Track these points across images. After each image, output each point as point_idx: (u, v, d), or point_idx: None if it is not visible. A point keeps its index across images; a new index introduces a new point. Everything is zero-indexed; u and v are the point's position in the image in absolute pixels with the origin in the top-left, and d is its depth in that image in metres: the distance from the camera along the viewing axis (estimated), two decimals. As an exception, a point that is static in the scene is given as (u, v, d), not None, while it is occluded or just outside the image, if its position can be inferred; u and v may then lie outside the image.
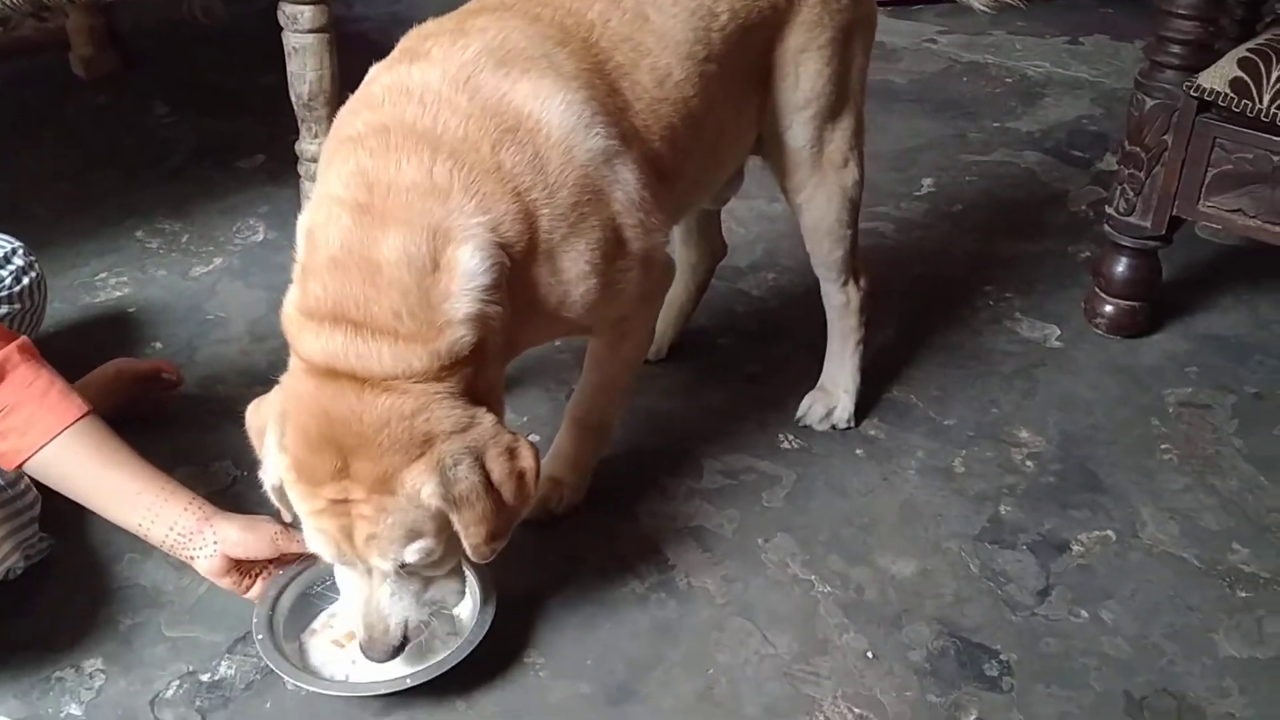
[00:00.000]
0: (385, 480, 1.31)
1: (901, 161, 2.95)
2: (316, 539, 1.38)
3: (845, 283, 1.97)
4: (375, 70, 1.49)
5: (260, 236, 2.56)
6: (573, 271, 1.46)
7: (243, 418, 1.85)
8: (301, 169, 2.54)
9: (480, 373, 1.38)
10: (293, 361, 1.39)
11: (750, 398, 2.10)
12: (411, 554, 1.35)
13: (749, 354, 2.23)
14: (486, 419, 1.37)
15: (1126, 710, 1.53)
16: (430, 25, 1.52)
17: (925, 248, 2.60)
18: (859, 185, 1.88)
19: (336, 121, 1.48)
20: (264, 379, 2.08)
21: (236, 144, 2.94)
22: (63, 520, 1.79)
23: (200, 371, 2.13)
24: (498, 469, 1.37)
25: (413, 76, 1.41)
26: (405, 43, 1.51)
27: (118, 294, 2.35)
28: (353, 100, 1.48)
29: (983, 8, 2.10)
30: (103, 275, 2.41)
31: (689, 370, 2.17)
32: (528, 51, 1.45)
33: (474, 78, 1.41)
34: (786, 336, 2.27)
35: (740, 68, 1.68)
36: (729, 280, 2.42)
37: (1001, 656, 1.60)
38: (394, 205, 1.33)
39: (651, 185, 1.53)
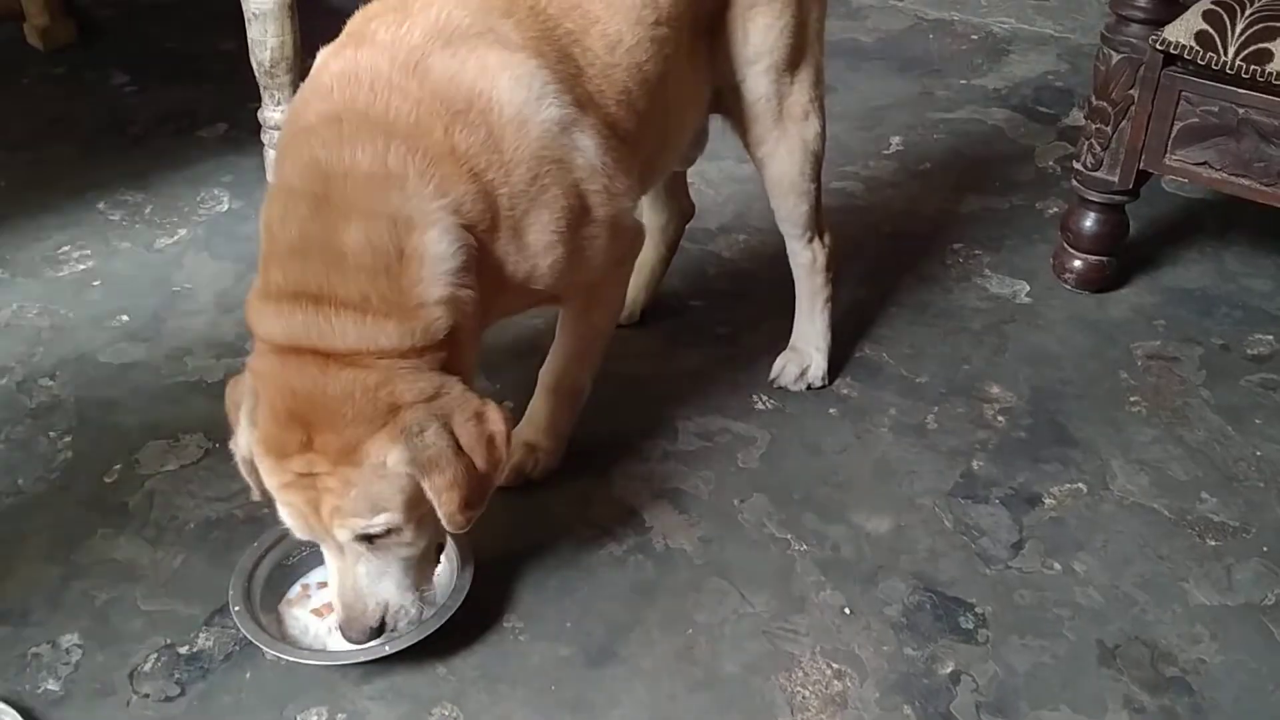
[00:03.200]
0: (349, 451, 1.30)
1: (869, 120, 2.94)
2: (285, 513, 1.38)
3: (810, 239, 1.97)
4: (323, 56, 1.48)
5: (225, 206, 2.53)
6: (540, 243, 1.46)
7: (213, 390, 1.84)
8: (265, 137, 2.50)
9: (455, 353, 1.39)
10: (257, 345, 1.38)
11: (723, 359, 2.11)
12: (376, 526, 1.35)
13: (721, 316, 2.23)
14: (455, 386, 1.37)
15: (1100, 659, 1.56)
16: (374, 6, 1.50)
17: (894, 206, 2.60)
18: (821, 137, 1.88)
19: (289, 112, 1.47)
20: (233, 350, 2.08)
21: (198, 112, 2.90)
22: (35, 498, 1.78)
23: (169, 344, 2.11)
24: (466, 434, 1.36)
25: (361, 62, 1.40)
26: (351, 25, 1.49)
27: (81, 267, 2.32)
28: (303, 89, 1.47)
29: None
30: (65, 248, 2.37)
31: (662, 333, 2.17)
32: (473, 27, 1.44)
33: (422, 61, 1.39)
34: (758, 298, 2.27)
35: (691, 27, 1.67)
36: (700, 243, 2.41)
37: (976, 609, 1.62)
38: (352, 195, 1.33)
39: (613, 150, 1.53)
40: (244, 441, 1.37)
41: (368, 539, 1.36)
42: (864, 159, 2.77)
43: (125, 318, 2.18)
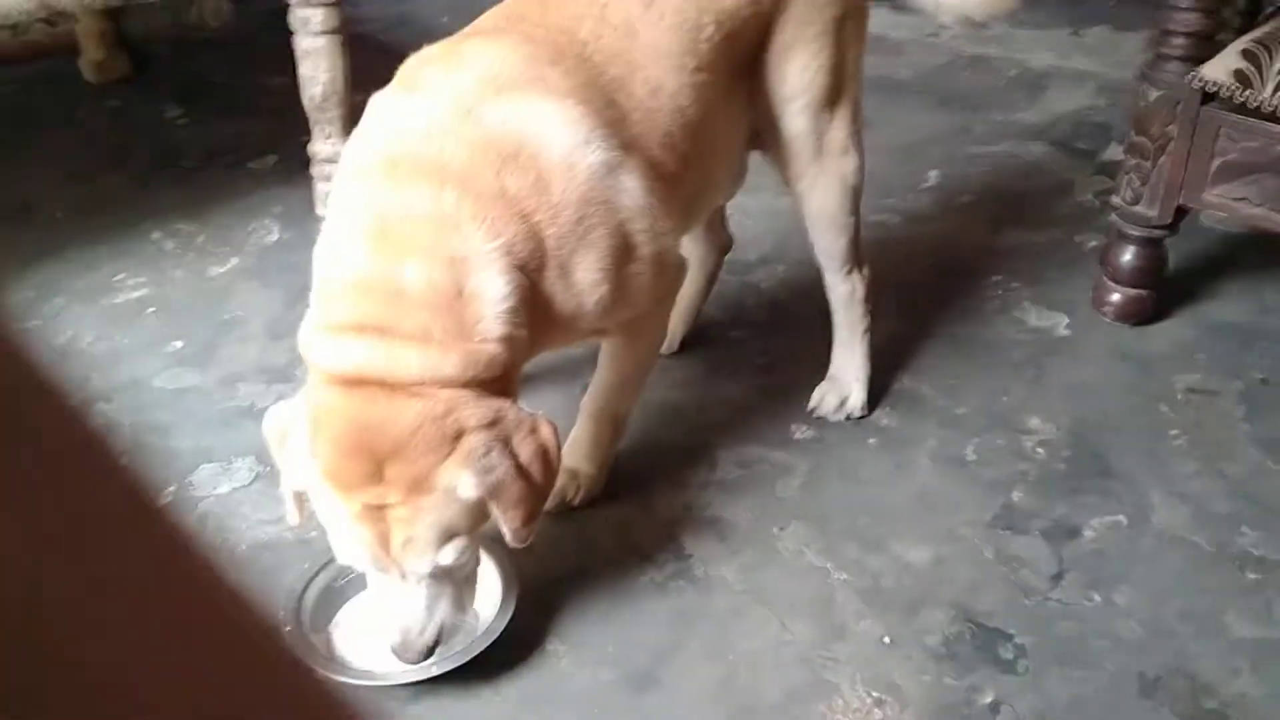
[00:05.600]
0: (421, 480, 1.34)
1: (907, 154, 2.97)
2: (351, 547, 1.39)
3: (849, 272, 2.00)
4: (376, 101, 1.53)
5: (275, 237, 2.59)
6: (586, 281, 1.50)
7: (264, 415, 1.88)
8: (314, 170, 2.57)
9: (503, 386, 1.43)
10: (313, 376, 1.41)
11: (762, 389, 2.13)
12: (447, 555, 1.38)
13: (760, 346, 2.25)
14: (511, 409, 1.41)
15: (1141, 690, 1.56)
16: (426, 52, 1.55)
17: (933, 239, 2.62)
18: (859, 172, 1.91)
19: (344, 155, 1.53)
20: (283, 376, 2.13)
21: (248, 145, 2.97)
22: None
23: (221, 370, 2.16)
24: (525, 451, 1.40)
25: (414, 109, 1.46)
26: (403, 72, 1.55)
27: (136, 295, 2.38)
28: (357, 134, 1.52)
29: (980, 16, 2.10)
30: (120, 276, 2.44)
31: (701, 363, 2.20)
32: (522, 75, 1.49)
33: (474, 108, 1.44)
34: (796, 328, 2.29)
35: (730, 70, 1.71)
36: (739, 274, 2.44)
37: (1017, 640, 1.63)
38: (408, 235, 1.37)
39: (656, 190, 1.57)
40: (298, 473, 1.40)
41: (437, 566, 1.39)
42: (902, 192, 2.80)
43: (179, 344, 2.23)
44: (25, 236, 2.57)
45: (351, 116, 2.51)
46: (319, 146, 2.53)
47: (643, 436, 1.98)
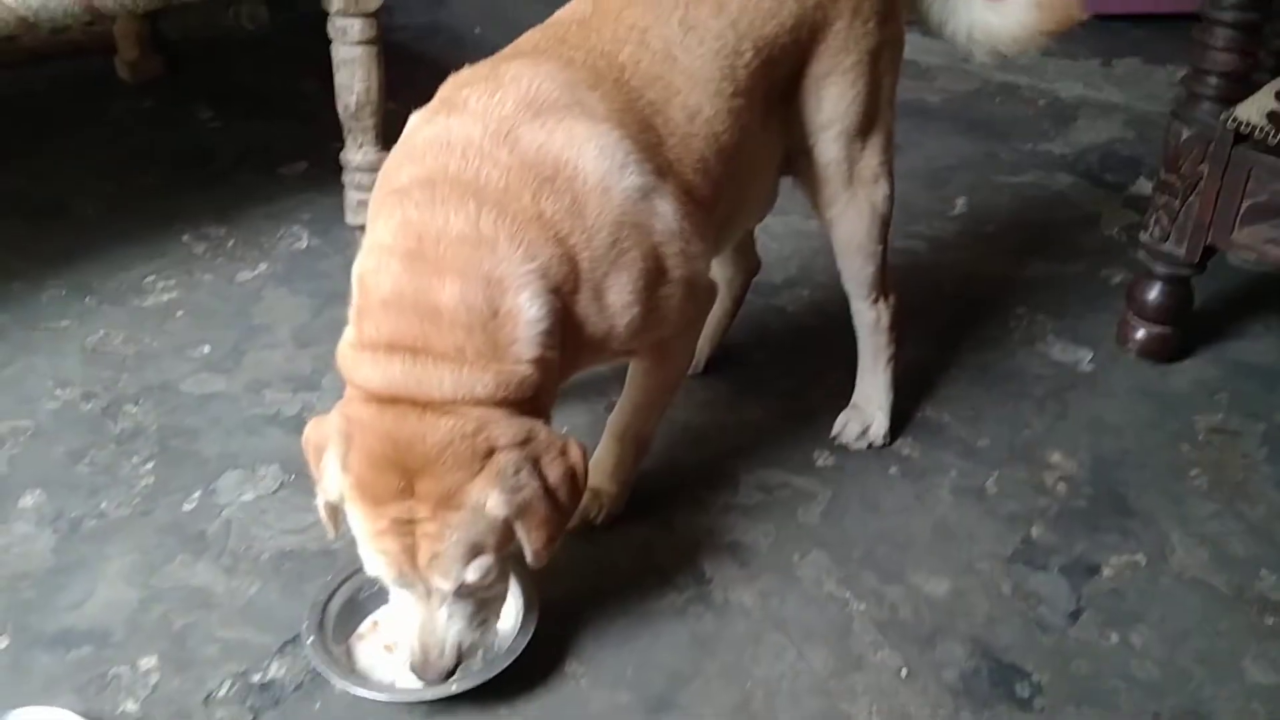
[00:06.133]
0: (450, 497, 1.35)
1: (935, 181, 2.98)
2: (377, 560, 1.41)
3: (875, 300, 2.00)
4: (416, 121, 1.55)
5: (304, 244, 2.61)
6: (618, 304, 1.51)
7: (288, 423, 1.89)
8: (346, 178, 2.59)
9: (536, 405, 1.44)
10: (349, 391, 1.43)
11: (785, 413, 2.14)
12: (473, 572, 1.39)
13: (784, 369, 2.26)
14: (541, 429, 1.43)
15: (1155, 733, 1.56)
16: (466, 73, 1.57)
17: (958, 268, 2.63)
18: (889, 201, 1.92)
19: (382, 173, 1.54)
20: (309, 385, 2.15)
21: (279, 149, 2.99)
22: (117, 522, 1.85)
23: (248, 376, 2.18)
24: (554, 472, 1.42)
25: (453, 129, 1.47)
26: (443, 92, 1.56)
27: (166, 297, 2.40)
28: (396, 152, 1.54)
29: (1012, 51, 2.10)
30: (150, 278, 2.46)
31: (725, 385, 2.21)
32: (561, 100, 1.50)
33: (513, 131, 1.46)
34: (820, 352, 2.30)
35: (767, 96, 1.72)
36: (764, 296, 2.45)
37: (1033, 677, 1.63)
38: (445, 255, 1.39)
39: (690, 215, 1.58)
40: (332, 486, 1.41)
41: (462, 583, 1.40)
42: (929, 219, 2.80)
43: (207, 348, 2.25)
44: (58, 233, 2.59)
45: (385, 125, 2.53)
46: (352, 155, 2.55)
47: (665, 457, 1.99)
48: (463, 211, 1.41)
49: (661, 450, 1.98)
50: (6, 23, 2.04)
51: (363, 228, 2.58)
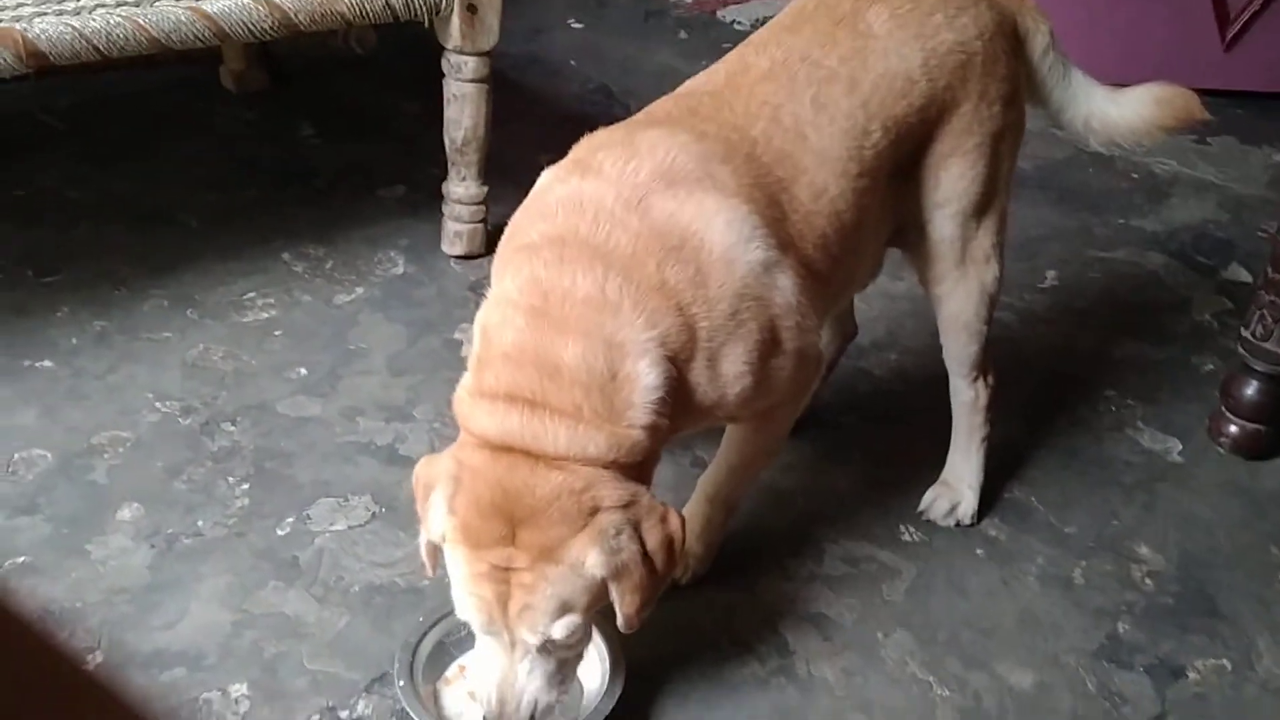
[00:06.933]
0: (550, 550, 1.37)
1: (1026, 251, 2.96)
2: (469, 604, 1.43)
3: (975, 378, 2.00)
4: (548, 178, 1.58)
5: (400, 270, 2.64)
6: (731, 373, 1.53)
7: (381, 453, 1.93)
8: (446, 209, 2.63)
9: (640, 471, 1.47)
10: (463, 437, 1.45)
11: (872, 482, 2.14)
12: (560, 629, 1.41)
13: (871, 436, 2.26)
14: (644, 495, 1.45)
15: None
16: (601, 136, 1.60)
17: (1048, 343, 2.61)
18: (999, 281, 1.92)
19: (512, 226, 1.58)
20: (402, 415, 2.18)
21: (378, 171, 3.03)
22: (212, 541, 1.88)
23: (342, 401, 2.21)
24: (652, 538, 1.44)
25: (586, 192, 1.50)
26: (577, 153, 1.59)
27: (265, 315, 2.44)
28: (528, 208, 1.57)
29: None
30: (250, 295, 2.50)
31: (812, 448, 2.21)
32: (694, 172, 1.52)
33: (645, 199, 1.49)
34: (909, 420, 2.30)
35: (888, 174, 1.73)
36: (852, 359, 2.45)
37: (1117, 781, 1.62)
38: (570, 315, 1.42)
39: (807, 289, 1.60)
40: (436, 526, 1.44)
41: (548, 639, 1.42)
42: (1020, 291, 2.79)
43: (303, 370, 2.28)
44: (162, 242, 2.64)
45: (487, 158, 2.57)
46: (454, 187, 2.59)
47: (750, 520, 2.00)
48: (590, 274, 1.43)
49: (746, 511, 1.98)
50: (142, 43, 2.09)
51: (458, 258, 2.64)
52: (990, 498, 2.10)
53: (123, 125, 3.14)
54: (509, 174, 2.33)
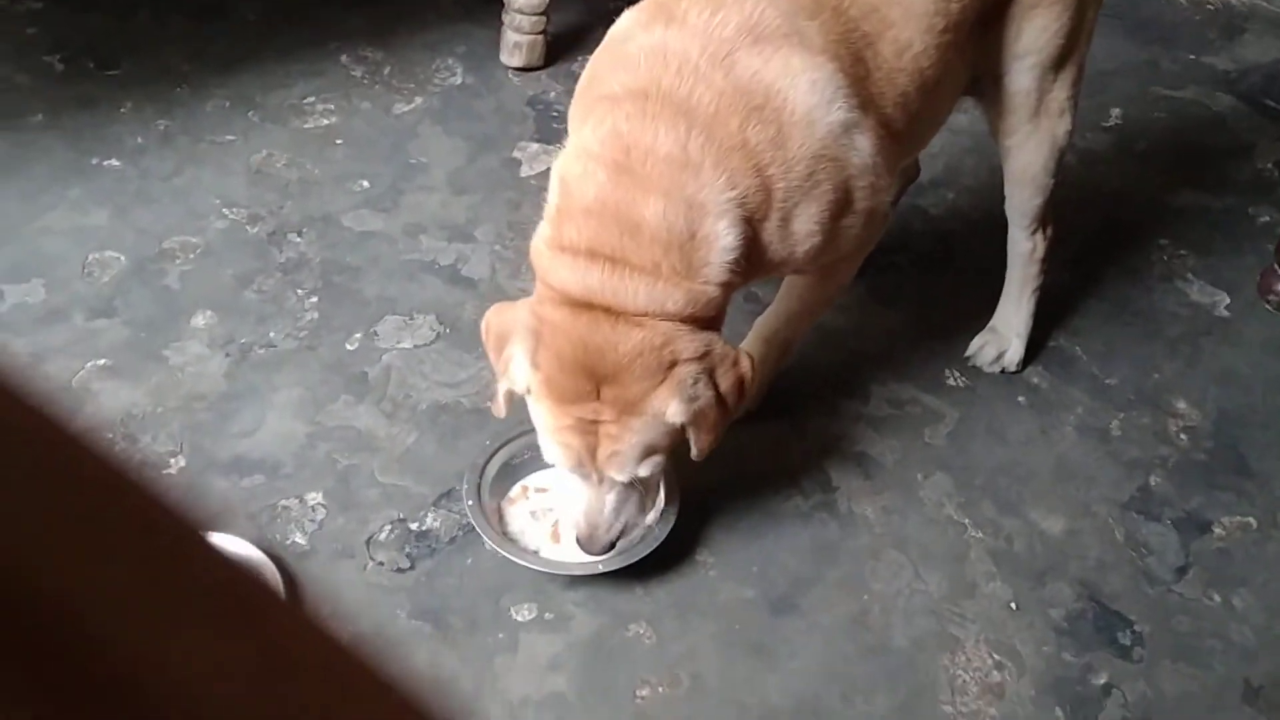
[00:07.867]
0: (634, 404, 1.44)
1: (1094, 86, 2.88)
2: (557, 451, 1.51)
3: (1035, 230, 2.02)
4: (629, 23, 1.55)
5: (458, 80, 2.62)
6: (802, 232, 1.55)
7: (443, 272, 1.97)
8: (505, 18, 2.58)
9: (712, 321, 1.52)
10: (541, 290, 1.49)
11: (921, 324, 2.18)
12: (645, 468, 1.51)
13: (923, 278, 2.29)
14: (718, 343, 1.51)
15: (1244, 696, 1.66)
16: None
17: (1107, 187, 2.60)
18: (1070, 134, 1.91)
19: (590, 73, 1.56)
20: (463, 235, 2.21)
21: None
22: (285, 353, 1.95)
23: (405, 218, 2.24)
24: (725, 382, 1.51)
25: (670, 44, 1.47)
26: None
27: (325, 122, 2.44)
28: (606, 54, 1.55)
29: None
30: (310, 99, 2.49)
31: (864, 288, 2.23)
32: (781, 28, 1.50)
33: (730, 55, 1.47)
34: (959, 263, 2.32)
35: (971, 28, 1.70)
36: (908, 196, 2.45)
37: (1136, 627, 1.72)
38: (651, 172, 1.43)
39: (884, 149, 1.59)
40: (520, 378, 1.49)
41: (636, 477, 1.51)
42: (1083, 129, 2.74)
43: (365, 183, 2.31)
44: (218, 38, 2.62)
45: None
46: (517, -2, 2.53)
47: (800, 358, 2.04)
48: (673, 131, 1.44)
49: (799, 350, 2.03)
50: None
51: (516, 70, 2.61)
52: (1036, 346, 2.14)
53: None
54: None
